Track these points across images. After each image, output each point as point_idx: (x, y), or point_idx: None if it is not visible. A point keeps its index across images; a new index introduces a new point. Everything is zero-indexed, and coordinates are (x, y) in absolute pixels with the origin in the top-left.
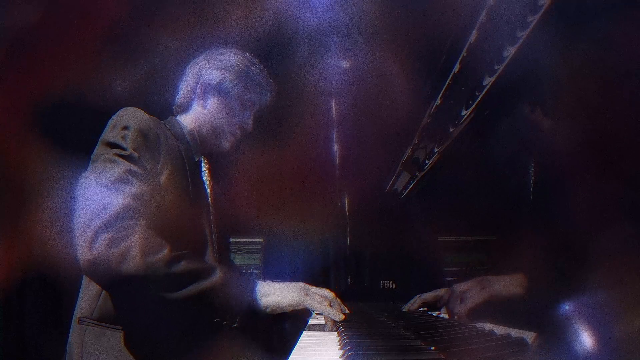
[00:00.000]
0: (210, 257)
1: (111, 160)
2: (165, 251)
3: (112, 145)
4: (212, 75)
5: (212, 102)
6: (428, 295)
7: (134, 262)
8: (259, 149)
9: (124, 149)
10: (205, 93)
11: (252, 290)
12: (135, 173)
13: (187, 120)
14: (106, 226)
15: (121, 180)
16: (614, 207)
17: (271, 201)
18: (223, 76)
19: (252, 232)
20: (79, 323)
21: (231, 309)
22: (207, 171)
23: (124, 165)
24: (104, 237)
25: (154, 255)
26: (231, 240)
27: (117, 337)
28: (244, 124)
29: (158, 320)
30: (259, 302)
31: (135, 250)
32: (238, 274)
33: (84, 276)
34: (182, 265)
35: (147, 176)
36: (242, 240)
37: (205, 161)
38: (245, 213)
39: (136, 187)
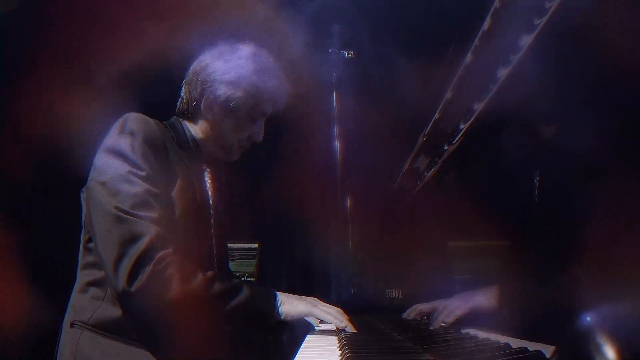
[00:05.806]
0: (214, 266)
1: (126, 180)
2: (200, 276)
3: (121, 155)
4: (219, 91)
5: (220, 119)
6: (425, 306)
7: (176, 292)
8: (255, 147)
9: (138, 166)
10: (212, 109)
11: (274, 300)
12: (153, 194)
13: (194, 129)
14: (143, 260)
15: (143, 205)
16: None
17: (267, 202)
18: (231, 93)
19: (247, 237)
20: (71, 327)
21: (261, 318)
22: (209, 180)
23: (142, 186)
24: (145, 272)
25: (192, 282)
26: None
27: (114, 345)
28: (254, 136)
29: (178, 333)
30: (278, 310)
31: (175, 281)
32: (259, 286)
33: (78, 281)
34: (217, 287)
35: (163, 195)
36: (236, 245)
37: (208, 170)
38: (240, 216)
39: (158, 211)
